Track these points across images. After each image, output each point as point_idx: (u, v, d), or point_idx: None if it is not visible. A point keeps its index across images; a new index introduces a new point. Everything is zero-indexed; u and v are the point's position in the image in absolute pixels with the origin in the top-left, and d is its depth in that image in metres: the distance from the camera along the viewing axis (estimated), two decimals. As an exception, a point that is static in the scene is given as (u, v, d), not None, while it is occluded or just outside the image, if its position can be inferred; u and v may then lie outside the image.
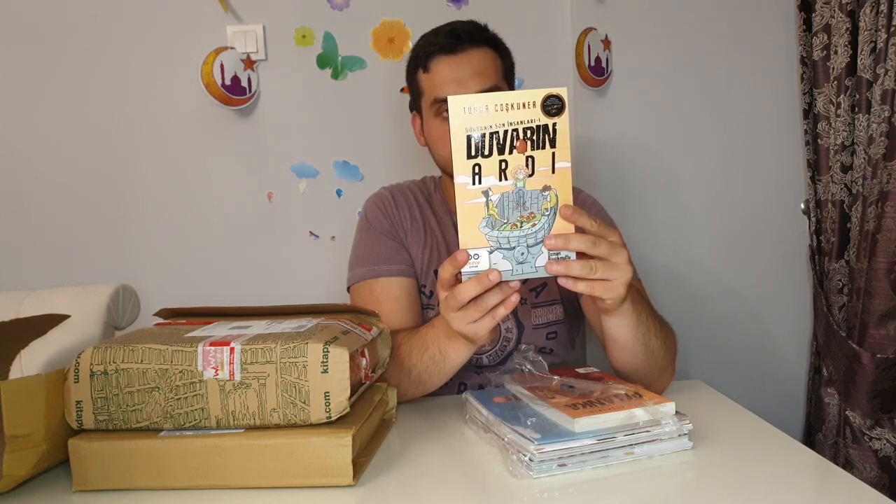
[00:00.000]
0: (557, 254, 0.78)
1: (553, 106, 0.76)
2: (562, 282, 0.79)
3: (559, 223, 0.78)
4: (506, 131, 0.76)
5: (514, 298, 0.80)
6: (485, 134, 0.76)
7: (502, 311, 0.80)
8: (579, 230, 0.79)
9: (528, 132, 0.76)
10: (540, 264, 0.78)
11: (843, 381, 1.48)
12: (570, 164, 0.78)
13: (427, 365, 0.96)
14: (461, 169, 0.76)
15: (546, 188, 0.77)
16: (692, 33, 1.60)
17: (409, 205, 1.20)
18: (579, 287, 0.79)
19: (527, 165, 0.77)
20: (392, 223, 1.17)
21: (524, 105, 0.76)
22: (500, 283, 0.78)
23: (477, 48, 1.07)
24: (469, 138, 0.76)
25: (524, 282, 0.91)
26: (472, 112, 0.76)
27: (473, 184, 0.77)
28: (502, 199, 0.77)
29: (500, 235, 0.77)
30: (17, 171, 1.55)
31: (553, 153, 0.77)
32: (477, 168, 0.76)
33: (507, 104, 0.76)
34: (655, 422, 0.78)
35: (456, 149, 0.76)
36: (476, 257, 0.78)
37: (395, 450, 0.86)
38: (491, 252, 0.78)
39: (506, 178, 0.77)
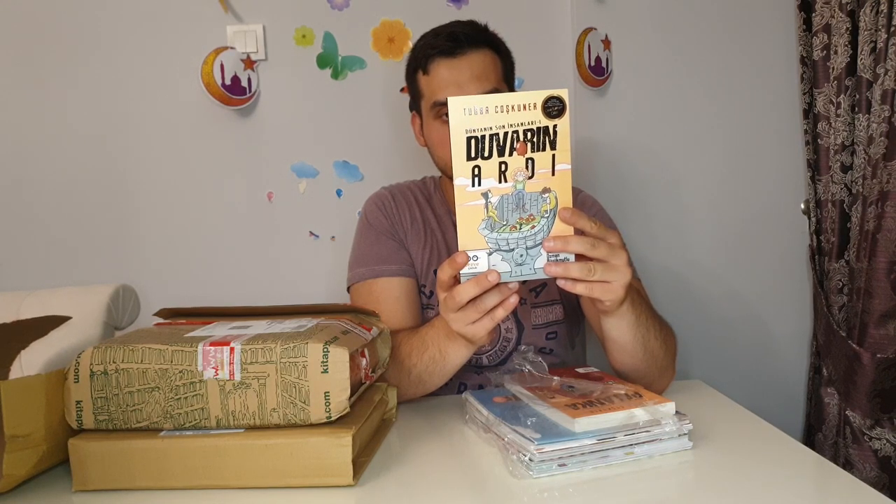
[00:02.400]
0: (556, 255, 0.78)
1: (554, 108, 0.76)
2: (561, 283, 0.79)
3: (558, 225, 0.78)
4: (506, 133, 0.76)
5: (513, 300, 0.80)
6: (485, 136, 0.76)
7: (501, 313, 0.81)
8: (578, 232, 0.79)
9: (529, 134, 0.76)
10: (539, 266, 0.78)
11: (843, 381, 1.48)
12: (570, 167, 0.78)
13: (427, 365, 0.96)
14: (461, 170, 0.76)
15: (546, 190, 0.77)
16: (692, 33, 1.60)
17: (409, 205, 1.20)
18: (578, 289, 0.79)
19: (526, 167, 0.77)
20: (392, 223, 1.17)
21: (525, 107, 0.76)
22: (498, 285, 0.78)
23: (476, 50, 1.07)
24: (469, 140, 0.76)
25: (524, 282, 0.91)
26: (472, 113, 0.76)
27: (473, 185, 0.77)
28: (502, 200, 0.77)
29: (499, 237, 0.77)
30: (17, 171, 1.55)
31: (553, 155, 0.77)
32: (476, 170, 0.76)
33: (507, 106, 0.76)
34: (655, 422, 0.78)
35: (456, 150, 0.76)
36: (475, 259, 0.78)
37: (395, 450, 0.86)
38: (490, 254, 0.78)
39: (505, 180, 0.77)
